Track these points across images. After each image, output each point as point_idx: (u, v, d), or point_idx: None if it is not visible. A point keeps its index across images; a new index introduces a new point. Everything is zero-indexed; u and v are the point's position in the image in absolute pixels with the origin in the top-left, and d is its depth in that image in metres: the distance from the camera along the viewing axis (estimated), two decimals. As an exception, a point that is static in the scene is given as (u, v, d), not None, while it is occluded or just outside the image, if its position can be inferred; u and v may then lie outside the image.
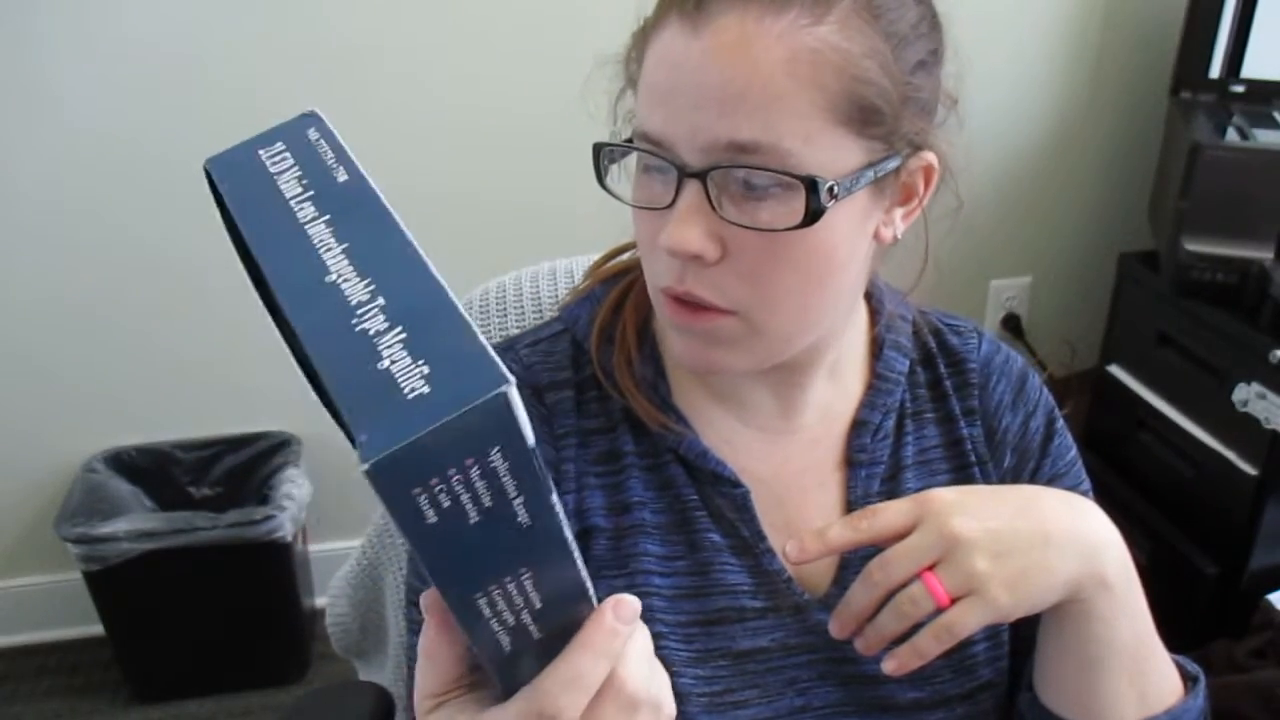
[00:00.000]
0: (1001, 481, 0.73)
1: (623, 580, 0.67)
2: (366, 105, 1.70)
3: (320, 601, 1.91)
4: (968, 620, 0.56)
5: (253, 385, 1.86)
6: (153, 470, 1.83)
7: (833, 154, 0.57)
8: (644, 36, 0.61)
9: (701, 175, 0.56)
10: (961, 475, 0.72)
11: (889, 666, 0.58)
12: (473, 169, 1.73)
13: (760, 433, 0.71)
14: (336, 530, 1.90)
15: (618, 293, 0.72)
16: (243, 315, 1.80)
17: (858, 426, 0.71)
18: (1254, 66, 1.75)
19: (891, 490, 0.71)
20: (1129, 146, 2.03)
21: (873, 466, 0.71)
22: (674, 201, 0.58)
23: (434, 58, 1.68)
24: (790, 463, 0.71)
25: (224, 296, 1.79)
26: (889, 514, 0.58)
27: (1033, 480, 0.73)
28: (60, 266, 1.71)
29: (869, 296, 0.75)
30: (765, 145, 0.55)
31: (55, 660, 1.91)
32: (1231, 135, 1.62)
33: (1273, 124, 1.66)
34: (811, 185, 0.55)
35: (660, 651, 0.62)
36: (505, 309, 0.89)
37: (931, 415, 0.73)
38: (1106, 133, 2.02)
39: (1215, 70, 1.76)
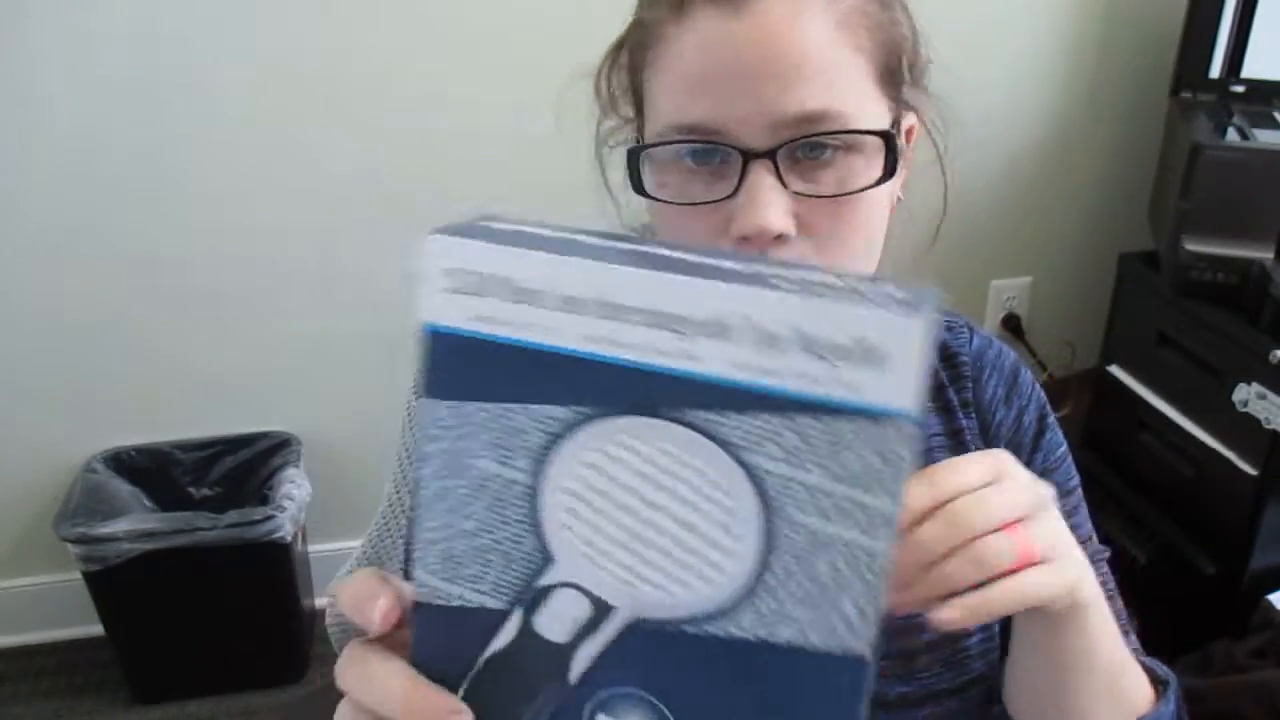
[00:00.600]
0: None
1: None
2: (356, 112, 1.71)
3: (320, 601, 1.91)
4: (1042, 587, 0.49)
5: (253, 385, 1.86)
6: (153, 470, 1.83)
7: (876, 113, 0.59)
8: (644, 36, 0.60)
9: (772, 153, 0.56)
10: None
11: (949, 615, 0.48)
12: (472, 171, 1.73)
13: None
14: (336, 530, 1.90)
15: None
16: (242, 316, 1.82)
17: None
18: (1254, 66, 1.75)
19: None
20: (1129, 146, 2.02)
21: None
22: (737, 189, 0.57)
23: (421, 65, 1.69)
24: None
25: (224, 297, 1.80)
26: (969, 469, 0.49)
27: (1022, 457, 0.72)
28: (60, 267, 1.71)
29: None
30: (831, 112, 0.56)
31: (55, 660, 1.91)
32: (1231, 135, 1.62)
33: (1273, 124, 1.66)
34: (889, 138, 0.58)
35: None
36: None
37: (931, 405, 0.73)
38: (1106, 133, 2.02)
39: (1215, 70, 1.76)
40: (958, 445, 0.72)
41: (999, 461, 0.49)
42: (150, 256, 1.73)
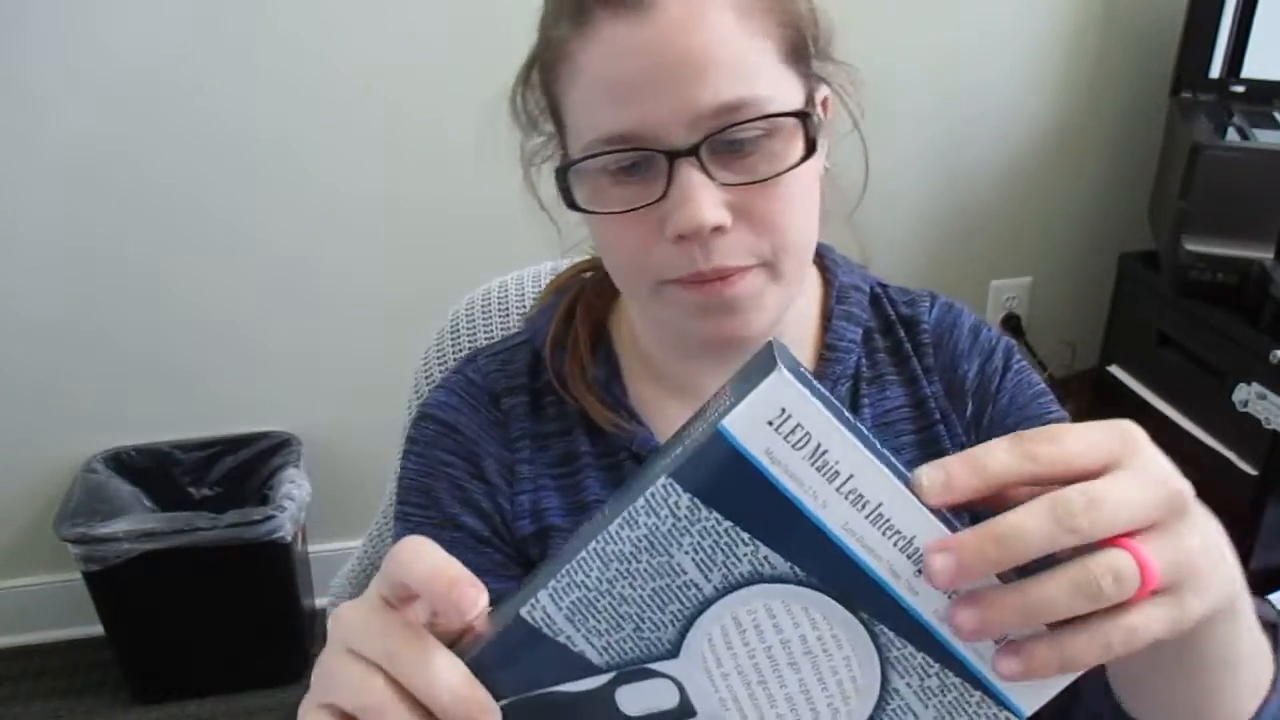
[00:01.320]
0: (966, 432, 0.72)
1: None
2: (355, 118, 1.71)
3: (320, 601, 1.91)
4: (1155, 628, 0.37)
5: (253, 385, 1.86)
6: (153, 470, 1.83)
7: (790, 92, 0.60)
8: (552, 54, 0.61)
9: (695, 149, 0.57)
10: (926, 434, 0.72)
11: (1015, 667, 0.36)
12: (472, 174, 1.73)
13: None
14: (336, 530, 1.91)
15: (568, 301, 0.75)
16: (242, 317, 1.82)
17: None
18: (1254, 66, 1.75)
19: None
20: (1129, 146, 2.03)
21: None
22: (667, 190, 0.58)
23: (417, 70, 1.68)
24: None
25: (224, 298, 1.80)
26: (1080, 441, 0.38)
27: (993, 418, 0.72)
28: (60, 269, 1.72)
29: (823, 268, 0.76)
30: (748, 99, 0.57)
31: (55, 660, 1.91)
32: (1231, 135, 1.62)
33: (1273, 124, 1.66)
34: (805, 117, 0.59)
35: None
36: (507, 309, 0.89)
37: (895, 377, 0.73)
38: (1106, 133, 2.03)
39: (1215, 70, 1.76)
40: (922, 414, 0.72)
41: (1126, 435, 0.39)
42: (150, 258, 1.73)
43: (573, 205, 0.61)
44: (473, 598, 0.38)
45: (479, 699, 0.38)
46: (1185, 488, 0.40)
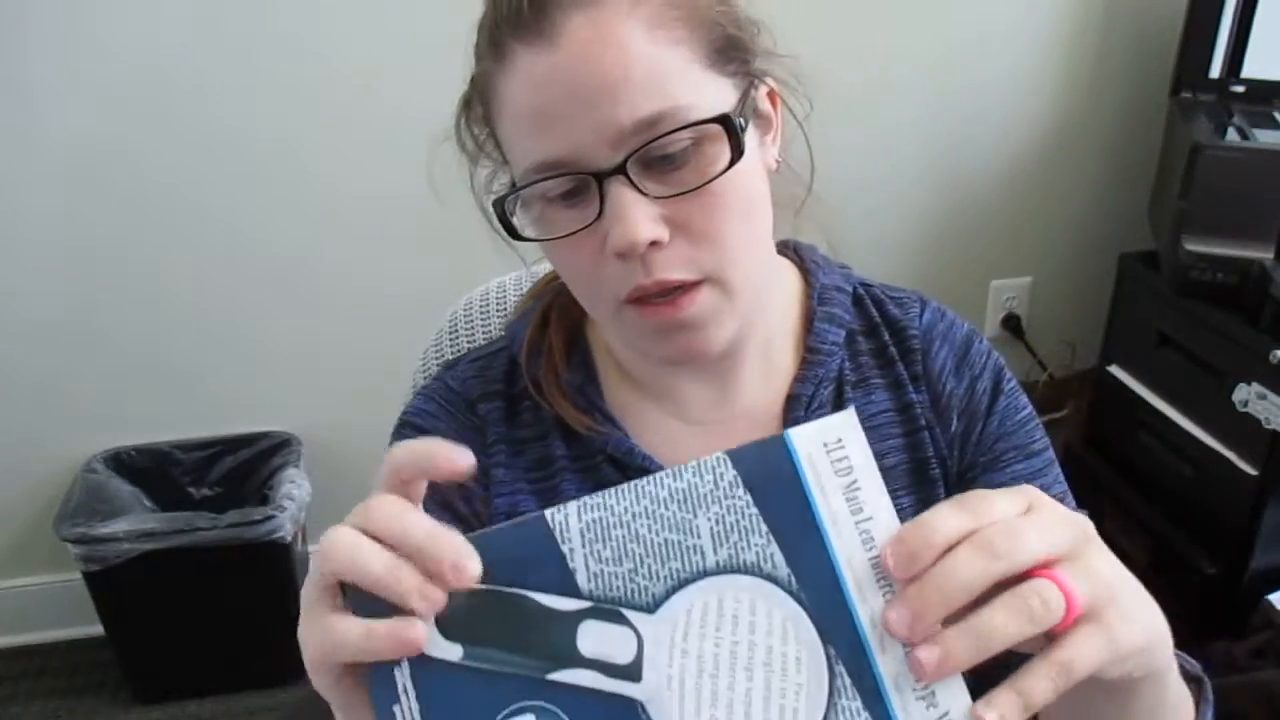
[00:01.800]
0: (950, 446, 0.72)
1: None
2: (355, 119, 1.71)
3: (320, 601, 1.91)
4: (1089, 656, 0.41)
5: (253, 385, 1.86)
6: (153, 470, 1.83)
7: (716, 96, 0.60)
8: (482, 87, 0.62)
9: (621, 167, 0.57)
10: (912, 439, 0.72)
11: (986, 715, 0.39)
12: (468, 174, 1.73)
13: (698, 426, 0.72)
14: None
15: (543, 308, 0.75)
16: (242, 317, 1.82)
17: (791, 401, 0.71)
18: (1254, 66, 1.75)
19: None
20: (1129, 146, 2.03)
21: None
22: (601, 210, 0.58)
23: (416, 71, 1.68)
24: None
25: (224, 298, 1.80)
26: (999, 498, 0.42)
27: (980, 440, 0.72)
28: (60, 269, 1.72)
29: (804, 269, 0.76)
30: (667, 112, 0.57)
31: (55, 660, 1.91)
32: (1231, 135, 1.62)
33: (1273, 124, 1.66)
34: (726, 121, 0.58)
35: None
36: (505, 309, 0.89)
37: (880, 381, 0.73)
38: (1106, 133, 2.03)
39: (1215, 70, 1.76)
40: (908, 419, 0.72)
41: (1029, 494, 0.43)
42: (150, 258, 1.73)
43: (515, 235, 0.62)
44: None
45: (459, 545, 0.41)
46: (1089, 526, 0.44)
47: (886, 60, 1.85)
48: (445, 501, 0.70)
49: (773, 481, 0.40)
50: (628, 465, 0.70)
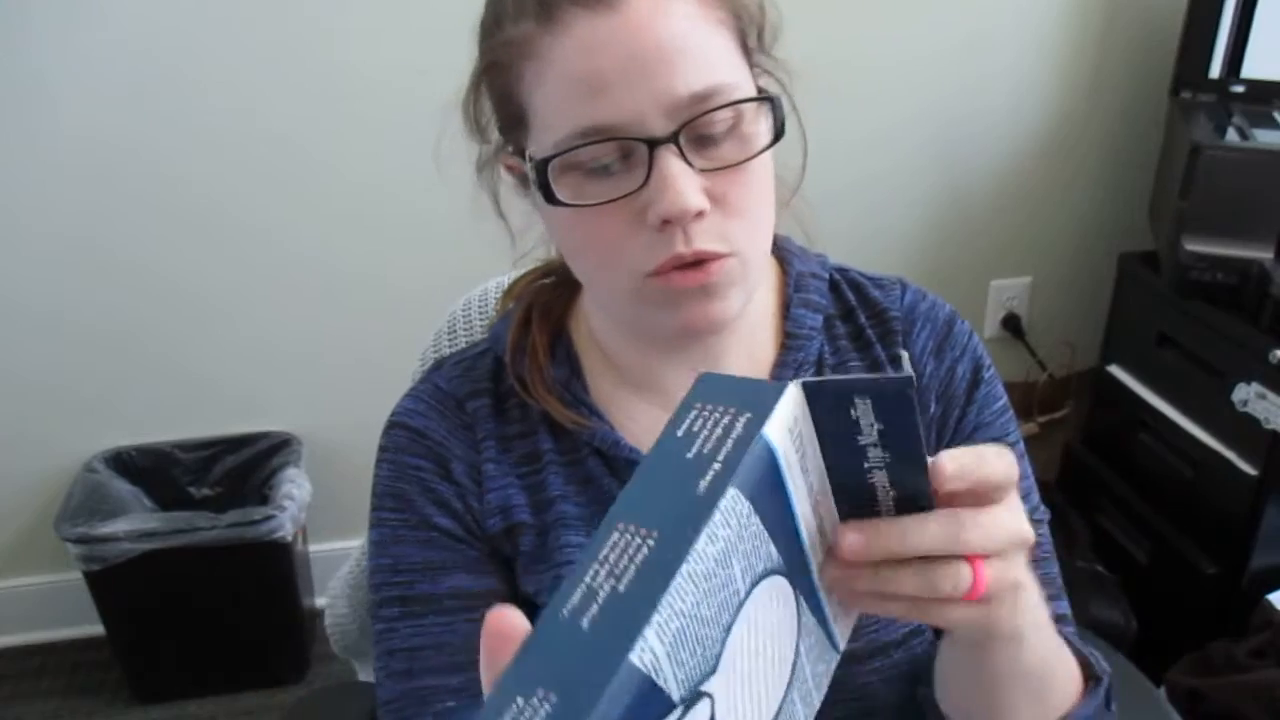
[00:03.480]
0: (927, 428, 0.73)
1: (550, 572, 0.69)
2: (356, 115, 1.71)
3: (320, 601, 1.92)
4: (960, 623, 0.48)
5: (253, 385, 1.86)
6: (153, 470, 1.84)
7: (748, 80, 0.63)
8: (514, 54, 0.61)
9: (674, 137, 0.58)
10: None
11: (850, 597, 0.46)
12: (469, 174, 1.73)
13: None
14: (336, 530, 1.91)
15: (524, 307, 0.76)
16: (243, 316, 1.82)
17: None
18: (1254, 66, 1.75)
19: None
20: (1129, 146, 2.03)
21: None
22: (647, 178, 0.59)
23: (419, 69, 1.68)
24: None
25: (224, 298, 1.80)
26: (996, 464, 0.45)
27: (958, 427, 0.73)
28: (61, 268, 1.72)
29: (779, 258, 0.77)
30: (718, 87, 0.59)
31: (55, 660, 1.91)
32: (1231, 135, 1.62)
33: (1273, 124, 1.66)
34: (774, 101, 0.62)
35: None
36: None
37: (858, 364, 0.74)
38: (1106, 133, 2.03)
39: (1215, 70, 1.75)
40: None
41: (1011, 465, 0.46)
42: (151, 257, 1.73)
43: (552, 200, 0.61)
44: None
45: None
46: (1031, 535, 0.47)
47: (886, 59, 1.85)
48: (440, 500, 0.71)
49: (763, 487, 0.39)
50: (614, 458, 0.71)
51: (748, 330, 0.73)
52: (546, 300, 0.77)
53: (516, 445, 0.73)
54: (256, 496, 1.82)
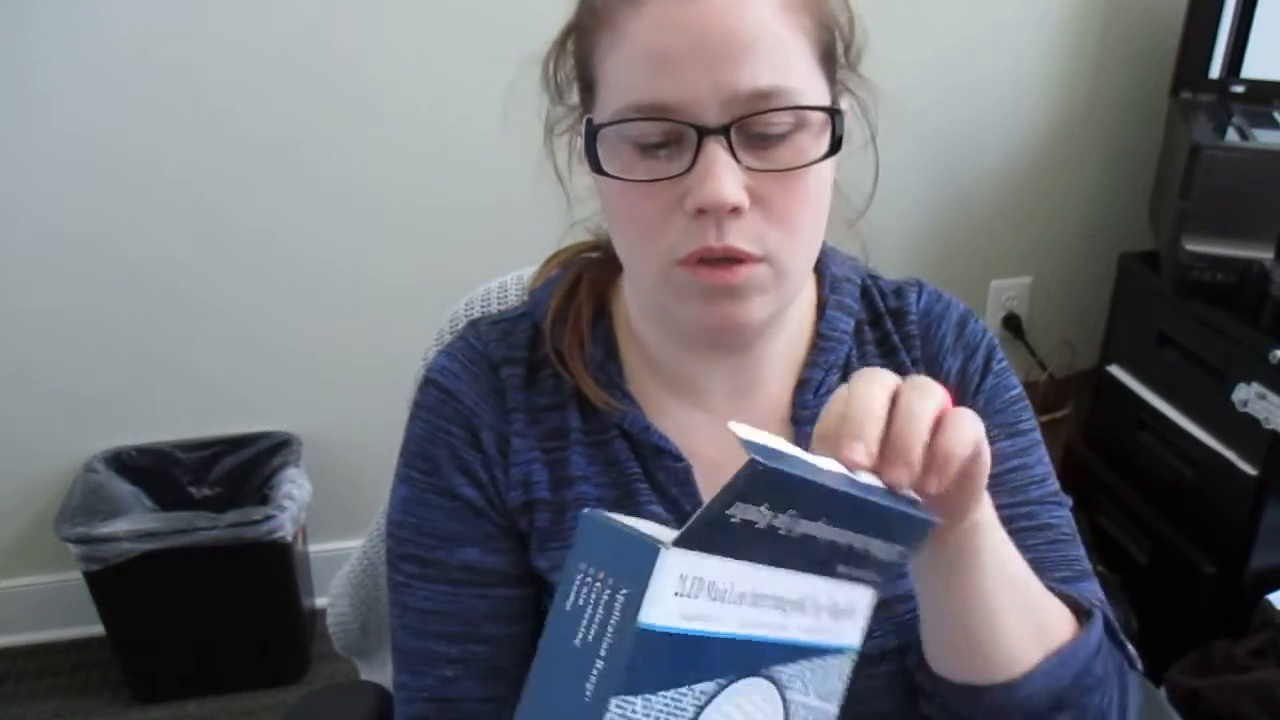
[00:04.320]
0: None
1: (563, 550, 0.70)
2: (355, 114, 1.71)
3: (320, 601, 1.92)
4: (964, 437, 0.51)
5: (253, 385, 1.86)
6: (153, 470, 1.83)
7: (819, 91, 0.62)
8: (596, 19, 0.62)
9: (725, 130, 0.58)
10: None
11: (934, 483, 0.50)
12: (474, 175, 1.73)
13: (714, 415, 0.73)
14: (336, 530, 1.91)
15: (573, 276, 0.76)
16: (243, 316, 1.82)
17: (801, 386, 0.73)
18: (1254, 66, 1.75)
19: None
20: (1129, 146, 2.03)
21: (816, 423, 0.72)
22: (693, 165, 0.59)
23: (420, 67, 1.68)
24: None
25: (224, 297, 1.80)
26: (884, 379, 0.52)
27: (968, 405, 0.73)
28: (61, 268, 1.72)
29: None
30: (781, 89, 0.59)
31: (55, 660, 1.91)
32: (1231, 135, 1.62)
33: (1273, 124, 1.66)
34: (836, 114, 0.61)
35: None
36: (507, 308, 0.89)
37: (883, 368, 0.74)
38: (1106, 133, 2.03)
39: (1215, 70, 1.75)
40: None
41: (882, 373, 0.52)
42: (151, 257, 1.73)
43: (598, 169, 0.62)
44: None
45: None
46: (940, 392, 0.52)
47: (886, 59, 1.85)
48: (466, 468, 0.71)
49: (661, 660, 0.39)
50: (642, 443, 0.71)
51: (785, 335, 0.72)
52: (594, 274, 0.76)
53: (545, 418, 0.72)
54: (256, 496, 1.82)
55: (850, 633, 0.49)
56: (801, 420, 0.72)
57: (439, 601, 0.71)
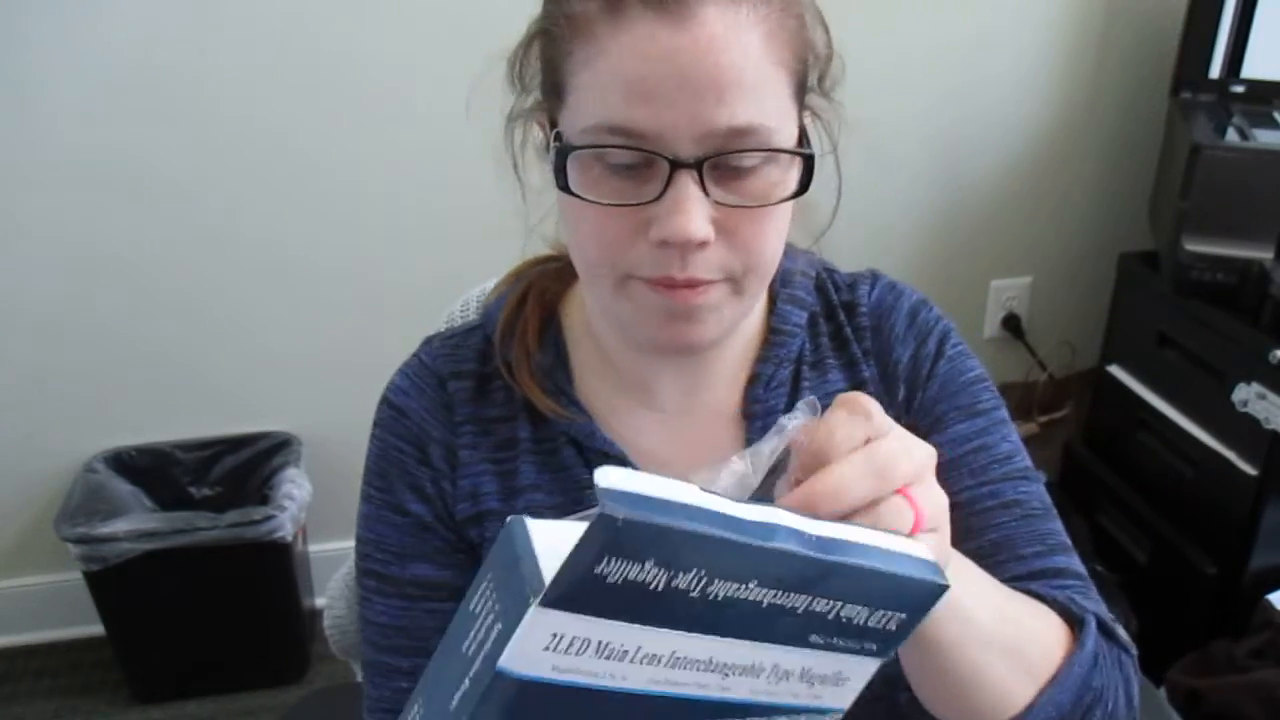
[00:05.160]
0: (898, 417, 0.71)
1: None
2: (355, 115, 1.71)
3: (320, 601, 1.91)
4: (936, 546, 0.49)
5: (253, 385, 1.86)
6: (153, 470, 1.83)
7: (793, 123, 0.61)
8: (573, 28, 0.59)
9: (698, 164, 0.57)
10: None
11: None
12: (474, 174, 1.72)
13: (665, 415, 0.73)
14: (336, 530, 1.90)
15: (521, 288, 0.76)
16: (243, 316, 1.82)
17: (753, 380, 0.73)
18: (1254, 66, 1.75)
19: None
20: (1129, 146, 2.02)
21: (768, 417, 0.72)
22: (662, 194, 0.58)
23: (421, 68, 1.68)
24: (696, 439, 0.73)
25: (224, 297, 1.80)
26: (854, 426, 0.48)
27: (922, 404, 0.73)
28: (61, 268, 1.72)
29: None
30: (757, 127, 0.58)
31: (55, 660, 1.91)
32: (1231, 135, 1.62)
33: (1273, 124, 1.66)
34: (809, 159, 0.61)
35: None
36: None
37: (834, 361, 0.75)
38: (1106, 133, 2.02)
39: (1215, 70, 1.76)
40: None
41: (861, 407, 0.48)
42: (151, 258, 1.73)
43: (565, 188, 0.61)
44: None
45: None
46: (932, 454, 0.49)
47: (886, 59, 1.85)
48: (415, 484, 0.73)
49: (528, 709, 0.36)
50: (588, 449, 0.72)
51: (738, 334, 0.73)
52: (545, 284, 0.76)
53: (496, 429, 0.73)
54: (256, 496, 1.82)
55: (835, 698, 0.45)
56: (753, 415, 0.73)
57: (393, 616, 0.73)
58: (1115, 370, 1.87)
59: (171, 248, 1.73)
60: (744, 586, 0.37)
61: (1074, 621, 0.64)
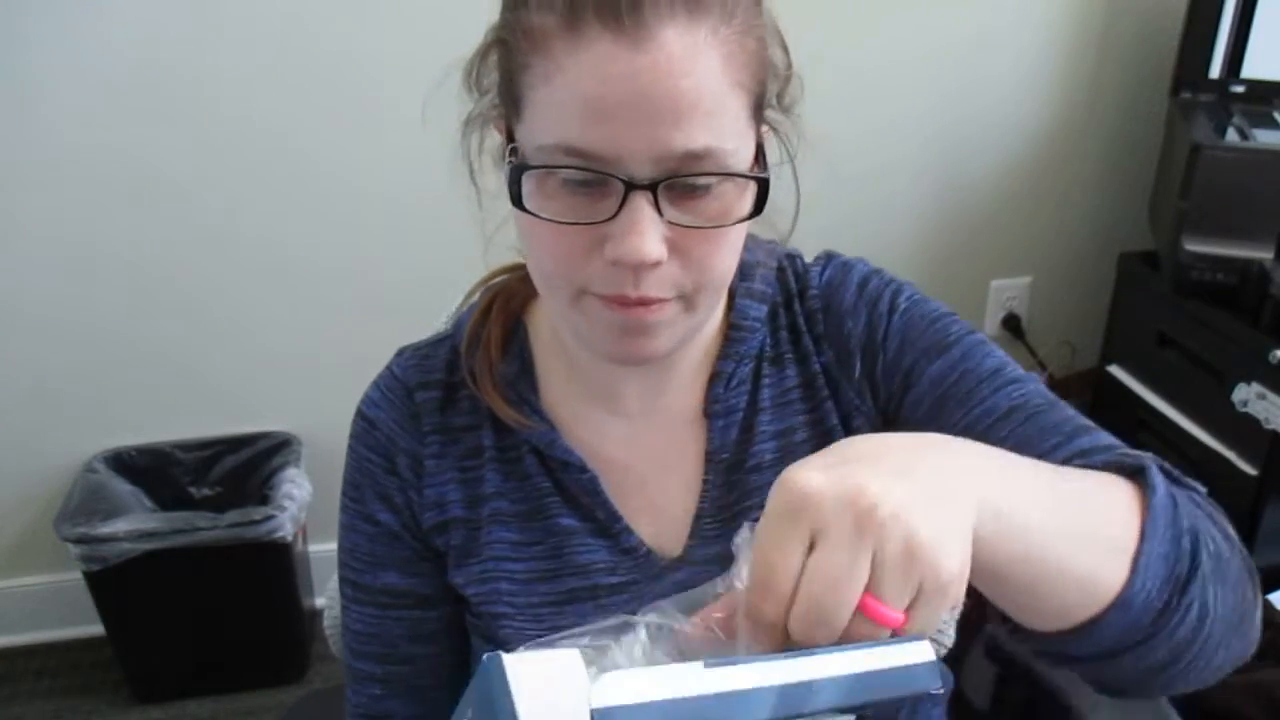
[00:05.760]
0: (860, 395, 0.72)
1: (478, 567, 0.73)
2: (355, 115, 1.71)
3: (320, 601, 1.91)
4: (933, 621, 0.45)
5: (253, 385, 1.86)
6: (153, 470, 1.84)
7: (750, 143, 0.61)
8: (530, 43, 0.58)
9: (653, 186, 0.57)
10: (815, 414, 0.73)
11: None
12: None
13: (628, 419, 0.74)
14: (336, 530, 1.90)
15: (487, 300, 0.77)
16: (243, 316, 1.81)
17: (713, 379, 0.73)
18: (1254, 66, 1.75)
19: (747, 436, 0.73)
20: (1129, 146, 2.03)
21: (729, 415, 0.73)
22: (617, 214, 0.58)
23: (422, 69, 1.68)
24: (658, 442, 0.74)
25: (224, 297, 1.80)
26: (792, 554, 0.44)
27: (887, 368, 0.71)
28: (61, 268, 1.72)
29: None
30: (713, 150, 0.57)
31: (55, 660, 1.91)
32: (1231, 135, 1.62)
33: (1273, 124, 1.66)
34: (764, 184, 0.60)
35: (507, 632, 0.69)
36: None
37: (791, 355, 0.75)
38: (1106, 133, 2.03)
39: (1215, 70, 1.76)
40: (811, 393, 0.73)
41: (787, 497, 0.44)
42: (150, 257, 1.73)
43: (519, 205, 0.61)
44: None
45: None
46: (869, 511, 0.43)
47: (886, 59, 1.85)
48: (384, 494, 0.76)
49: None
50: (550, 458, 0.73)
51: (698, 337, 0.73)
52: (509, 292, 0.77)
53: (463, 438, 0.74)
54: (256, 496, 1.82)
55: None
56: (715, 414, 0.73)
57: (367, 623, 0.76)
58: (1115, 370, 1.87)
59: (171, 248, 1.73)
60: None
61: (1133, 473, 0.59)
